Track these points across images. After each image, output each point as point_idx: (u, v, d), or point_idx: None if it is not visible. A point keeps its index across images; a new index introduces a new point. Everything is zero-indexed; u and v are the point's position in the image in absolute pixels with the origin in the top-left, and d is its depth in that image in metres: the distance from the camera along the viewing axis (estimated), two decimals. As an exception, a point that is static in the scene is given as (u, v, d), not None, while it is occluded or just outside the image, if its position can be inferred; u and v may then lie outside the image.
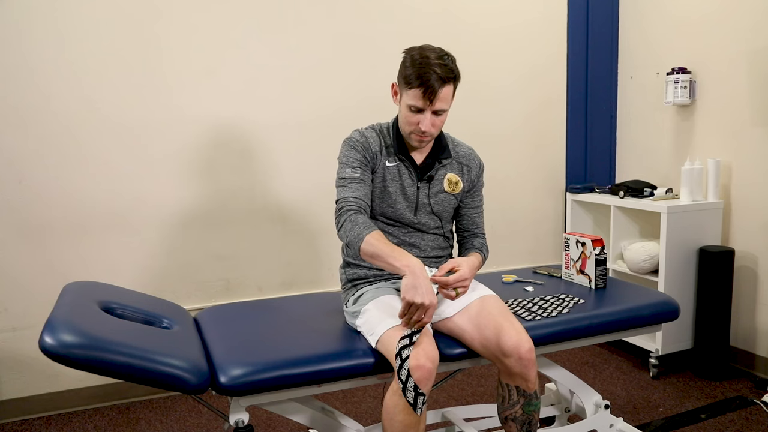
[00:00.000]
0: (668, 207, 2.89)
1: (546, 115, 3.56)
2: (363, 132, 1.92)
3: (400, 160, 1.91)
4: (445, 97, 1.79)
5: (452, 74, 1.78)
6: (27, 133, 2.56)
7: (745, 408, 2.62)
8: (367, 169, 1.87)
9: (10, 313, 2.61)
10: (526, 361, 1.70)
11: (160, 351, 1.54)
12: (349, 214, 1.77)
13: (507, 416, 1.80)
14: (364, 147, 1.88)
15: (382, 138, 1.92)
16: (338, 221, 1.80)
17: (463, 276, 1.74)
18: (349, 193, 1.82)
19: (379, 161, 1.90)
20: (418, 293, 1.60)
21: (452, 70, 1.79)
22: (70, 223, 2.66)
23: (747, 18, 2.88)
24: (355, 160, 1.86)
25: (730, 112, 2.99)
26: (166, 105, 2.75)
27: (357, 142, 1.88)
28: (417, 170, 1.92)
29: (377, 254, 1.69)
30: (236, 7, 2.83)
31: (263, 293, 3.02)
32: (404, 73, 1.79)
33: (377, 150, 1.89)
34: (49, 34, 2.55)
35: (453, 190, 1.96)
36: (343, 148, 1.91)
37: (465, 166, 2.00)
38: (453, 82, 1.80)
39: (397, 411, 1.60)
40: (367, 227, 1.73)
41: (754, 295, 2.96)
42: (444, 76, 1.75)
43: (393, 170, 1.91)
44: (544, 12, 3.47)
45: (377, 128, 1.94)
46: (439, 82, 1.75)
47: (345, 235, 1.77)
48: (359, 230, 1.73)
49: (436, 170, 1.94)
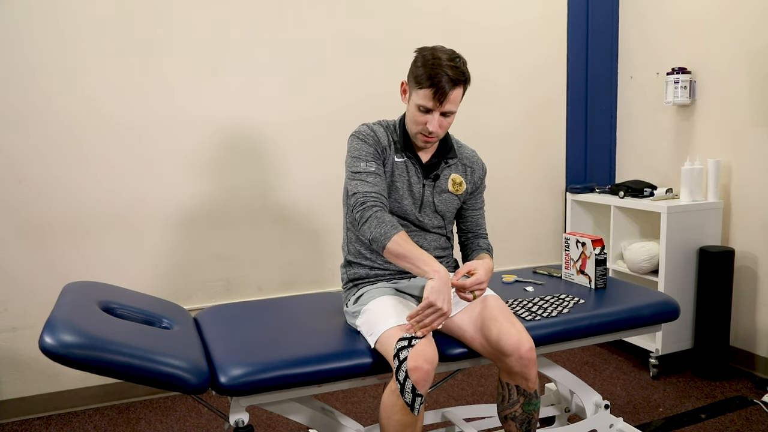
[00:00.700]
0: (668, 207, 2.89)
1: (546, 115, 3.56)
2: (371, 126, 1.91)
3: (408, 157, 1.91)
4: (455, 99, 1.80)
5: (463, 77, 1.79)
6: (27, 132, 2.56)
7: (745, 408, 2.63)
8: (380, 162, 1.87)
9: (10, 313, 2.61)
10: (527, 361, 1.70)
11: (160, 351, 1.54)
12: (375, 210, 1.76)
13: (506, 415, 1.80)
14: (374, 140, 1.87)
15: (390, 134, 1.92)
16: (362, 215, 1.77)
17: (480, 279, 1.75)
18: (369, 187, 1.80)
19: (389, 156, 1.89)
20: (441, 298, 1.62)
21: (463, 72, 1.79)
22: (71, 223, 2.66)
23: (747, 18, 2.88)
24: (368, 154, 1.84)
25: (730, 112, 3.00)
26: (166, 105, 2.75)
27: (367, 135, 1.87)
28: (423, 168, 1.92)
29: (405, 255, 1.69)
30: (236, 7, 2.83)
31: (263, 293, 3.02)
32: (415, 73, 1.79)
33: (386, 144, 1.89)
34: (49, 34, 2.55)
35: (457, 191, 1.97)
36: (352, 141, 1.88)
37: (469, 168, 2.01)
38: (463, 84, 1.80)
39: (395, 410, 1.60)
40: (395, 227, 1.73)
41: (754, 295, 2.96)
42: (455, 78, 1.76)
43: (401, 166, 1.90)
44: (544, 12, 3.47)
45: (384, 124, 1.94)
46: (449, 84, 1.75)
47: (370, 231, 1.74)
48: (386, 228, 1.72)
49: (441, 169, 1.95)
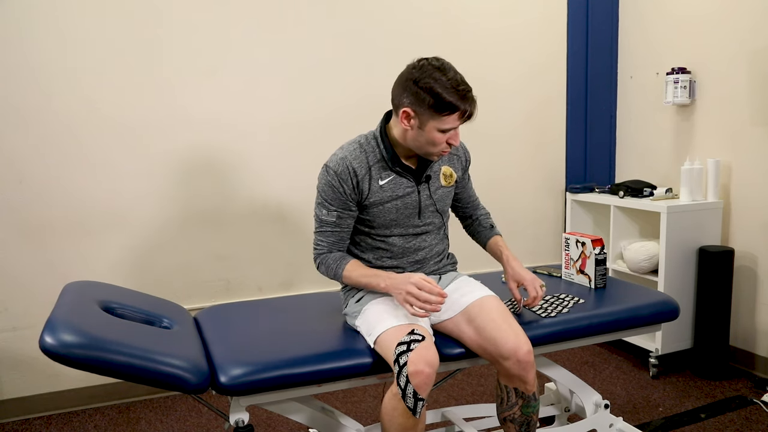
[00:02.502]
0: (668, 207, 2.90)
1: (546, 115, 3.56)
2: (345, 157, 1.80)
3: (396, 172, 1.84)
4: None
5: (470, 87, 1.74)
6: (28, 132, 2.56)
7: (745, 408, 2.63)
8: (344, 208, 1.82)
9: (11, 312, 2.62)
10: (525, 364, 1.71)
11: (160, 351, 1.54)
12: (322, 257, 1.88)
13: (506, 417, 1.81)
14: (342, 181, 1.78)
15: (370, 154, 1.82)
16: (316, 266, 1.91)
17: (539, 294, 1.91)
18: (323, 239, 1.87)
19: (369, 186, 1.81)
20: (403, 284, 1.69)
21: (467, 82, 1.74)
22: (71, 223, 2.66)
23: (747, 18, 2.88)
24: (333, 200, 1.80)
25: (729, 112, 3.00)
26: (166, 105, 2.75)
27: (335, 176, 1.78)
28: (414, 174, 1.88)
29: (357, 281, 1.82)
30: (236, 7, 2.83)
31: (263, 293, 3.02)
32: (435, 100, 1.68)
33: (364, 174, 1.80)
34: (49, 34, 2.55)
35: (449, 183, 1.96)
36: (321, 179, 1.82)
37: (455, 156, 1.99)
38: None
39: (396, 414, 1.60)
40: (338, 262, 1.85)
41: (754, 295, 2.96)
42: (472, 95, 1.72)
43: (388, 187, 1.83)
44: (544, 12, 3.47)
45: (363, 142, 1.84)
46: (473, 104, 1.73)
47: (323, 272, 1.89)
48: (333, 268, 1.85)
49: (431, 168, 1.93)
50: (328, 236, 1.86)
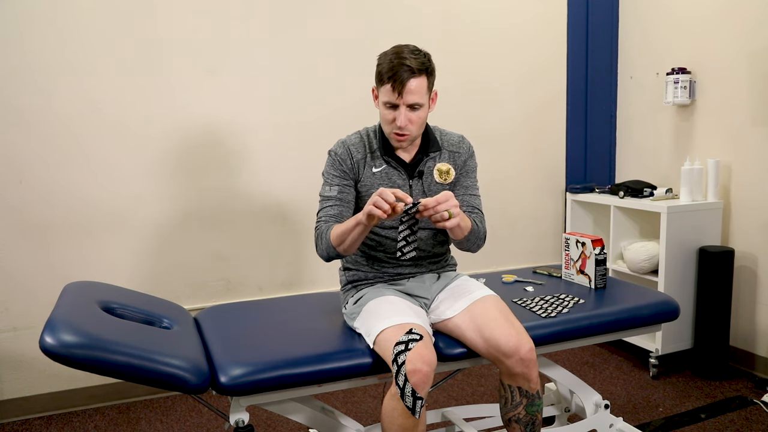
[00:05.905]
0: (668, 207, 2.90)
1: (546, 115, 3.56)
2: (345, 141, 1.92)
3: (387, 162, 1.90)
4: (418, 90, 1.77)
5: (423, 66, 1.77)
6: (28, 132, 2.56)
7: (745, 408, 2.63)
8: (346, 183, 1.89)
9: (11, 312, 2.61)
10: (528, 362, 1.70)
11: (160, 351, 1.54)
12: (318, 232, 1.85)
13: (510, 418, 1.79)
14: (342, 160, 1.89)
15: (368, 142, 1.92)
16: (315, 248, 1.88)
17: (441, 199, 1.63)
18: (323, 214, 1.87)
19: (363, 170, 1.90)
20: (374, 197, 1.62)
21: (423, 63, 1.78)
22: (71, 223, 2.66)
23: (747, 18, 2.88)
24: (334, 177, 1.89)
25: (729, 112, 3.00)
26: (167, 105, 2.75)
27: (336, 155, 1.90)
28: (407, 168, 1.91)
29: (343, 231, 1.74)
30: (236, 7, 2.83)
31: (263, 293, 3.02)
32: (377, 71, 1.82)
33: (360, 158, 1.90)
34: (50, 34, 2.55)
35: (445, 180, 1.94)
36: (327, 160, 1.93)
37: (454, 153, 1.97)
38: (425, 74, 1.79)
39: (396, 414, 1.60)
40: (327, 230, 1.81)
41: (754, 295, 2.96)
42: (414, 68, 1.76)
43: (380, 175, 1.89)
44: (544, 12, 3.47)
45: (363, 133, 1.95)
46: (408, 73, 1.75)
47: (321, 251, 1.85)
48: (324, 238, 1.81)
49: (424, 164, 1.93)
50: (328, 210, 1.87)
